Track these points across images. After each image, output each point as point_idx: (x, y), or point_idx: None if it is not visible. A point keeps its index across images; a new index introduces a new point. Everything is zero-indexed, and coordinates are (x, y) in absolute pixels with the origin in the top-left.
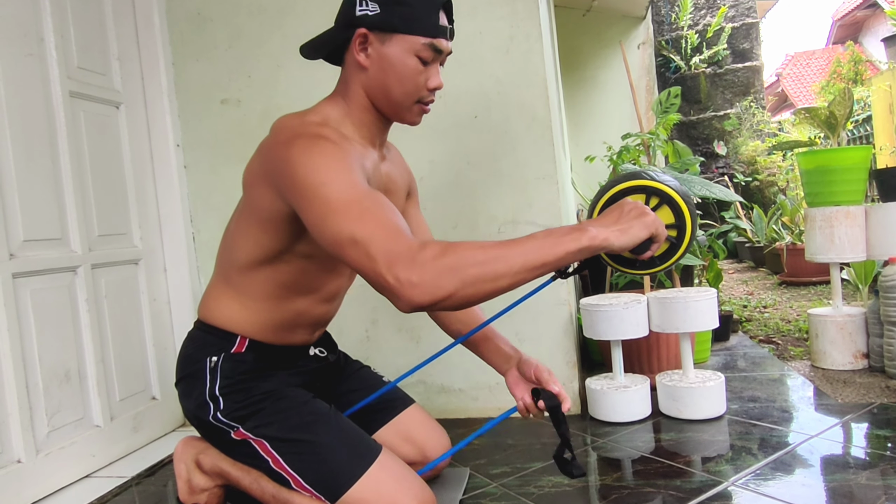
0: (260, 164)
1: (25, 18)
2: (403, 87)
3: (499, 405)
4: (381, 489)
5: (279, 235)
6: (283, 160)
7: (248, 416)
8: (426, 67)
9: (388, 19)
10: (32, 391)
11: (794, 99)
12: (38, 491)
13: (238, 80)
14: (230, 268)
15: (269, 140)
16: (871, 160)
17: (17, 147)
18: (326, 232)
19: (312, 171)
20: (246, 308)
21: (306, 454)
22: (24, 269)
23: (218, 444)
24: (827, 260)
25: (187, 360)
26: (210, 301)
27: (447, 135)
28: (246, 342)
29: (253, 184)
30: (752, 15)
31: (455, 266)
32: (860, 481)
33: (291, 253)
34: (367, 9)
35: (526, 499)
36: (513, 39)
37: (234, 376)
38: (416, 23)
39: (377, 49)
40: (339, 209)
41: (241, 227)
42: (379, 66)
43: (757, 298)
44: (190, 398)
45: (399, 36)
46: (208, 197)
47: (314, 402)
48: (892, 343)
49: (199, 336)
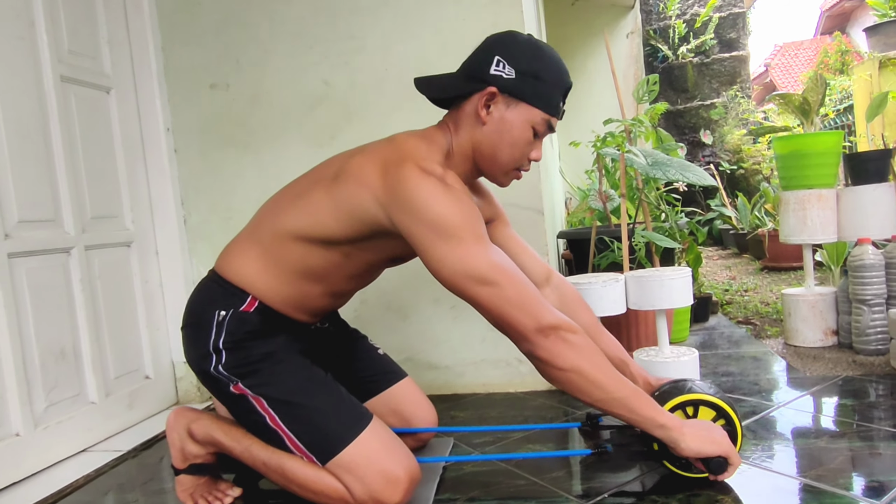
0: (378, 178)
1: (16, 1)
2: (512, 152)
3: (483, 381)
4: (371, 455)
5: (345, 231)
6: (410, 195)
7: (247, 374)
8: (535, 140)
9: (521, 88)
10: (29, 367)
11: (782, 89)
12: (37, 463)
13: (227, 65)
14: (270, 229)
15: (395, 164)
16: (851, 147)
17: (9, 129)
18: (456, 266)
19: (448, 218)
20: (266, 271)
21: (301, 417)
22: (19, 249)
23: (218, 395)
24: (799, 241)
25: (196, 308)
26: (232, 256)
27: (432, 119)
28: (255, 303)
29: (358, 182)
30: (739, 5)
31: (575, 367)
32: (822, 444)
33: (338, 247)
34: (502, 71)
35: (506, 464)
36: (496, 27)
37: (238, 333)
38: (543, 99)
39: (500, 110)
40: (475, 255)
41: (312, 201)
42: (497, 127)
43: (739, 283)
44: (194, 346)
45: (525, 105)
46: (198, 180)
47: (312, 369)
48: (860, 320)
49: (211, 287)
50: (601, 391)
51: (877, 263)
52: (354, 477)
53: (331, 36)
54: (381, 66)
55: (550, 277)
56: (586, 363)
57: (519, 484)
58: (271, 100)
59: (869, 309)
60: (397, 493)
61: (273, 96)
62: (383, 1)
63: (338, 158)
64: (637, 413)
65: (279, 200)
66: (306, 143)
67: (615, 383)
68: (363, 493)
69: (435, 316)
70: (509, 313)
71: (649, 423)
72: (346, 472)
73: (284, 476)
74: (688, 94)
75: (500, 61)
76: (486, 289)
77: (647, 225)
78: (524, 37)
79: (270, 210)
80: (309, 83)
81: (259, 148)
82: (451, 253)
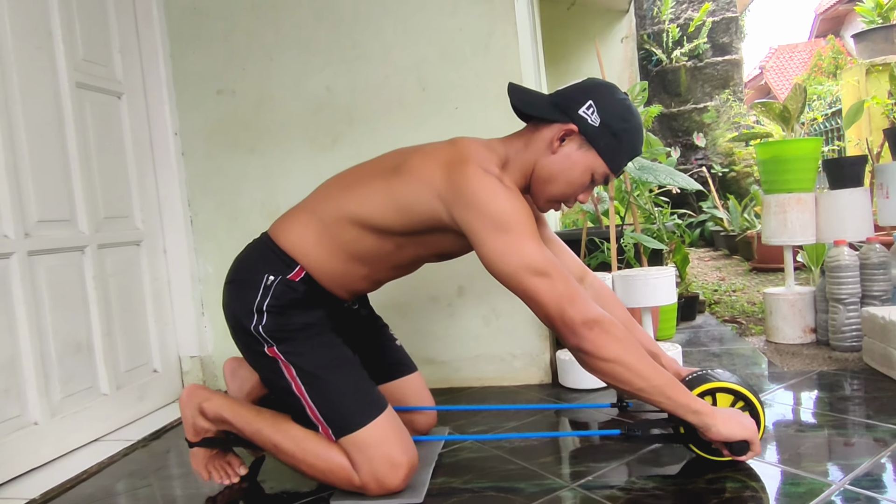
0: (441, 176)
1: (35, 13)
2: (566, 188)
3: (478, 375)
4: (381, 439)
5: (402, 223)
6: (472, 192)
7: (284, 340)
8: (589, 186)
9: (599, 137)
10: (47, 360)
11: (777, 91)
12: (54, 451)
13: (233, 71)
14: (332, 208)
15: (457, 164)
16: (841, 150)
17: (30, 134)
18: (513, 259)
19: (508, 214)
20: (320, 246)
21: (326, 391)
22: (38, 248)
23: (247, 352)
24: (780, 242)
25: (246, 266)
26: (289, 224)
27: (429, 123)
28: (303, 273)
29: (420, 180)
30: (731, 9)
31: (618, 358)
32: (798, 433)
33: (392, 237)
34: (589, 115)
35: (499, 451)
36: (491, 36)
37: (282, 299)
38: (612, 156)
39: (572, 148)
40: (532, 249)
41: (373, 191)
42: (562, 161)
43: (728, 283)
44: (238, 302)
45: (594, 154)
46: (205, 182)
47: (342, 347)
48: (836, 318)
49: (264, 250)
50: (642, 380)
51: (852, 264)
52: (364, 456)
53: (333, 44)
54: (381, 73)
55: (585, 276)
56: (628, 354)
57: (510, 468)
58: (276, 105)
59: (844, 308)
60: (398, 478)
61: (277, 101)
62: (384, 11)
63: (396, 154)
64: (673, 400)
65: (342, 183)
66: (309, 146)
67: (654, 373)
68: (368, 474)
69: (433, 313)
70: (559, 306)
71: (684, 408)
72: (357, 450)
73: (294, 455)
74: (681, 98)
75: (592, 106)
76: (540, 280)
77: (636, 227)
78: (622, 95)
79: (334, 191)
80: (312, 89)
81: (264, 151)
82: (510, 246)
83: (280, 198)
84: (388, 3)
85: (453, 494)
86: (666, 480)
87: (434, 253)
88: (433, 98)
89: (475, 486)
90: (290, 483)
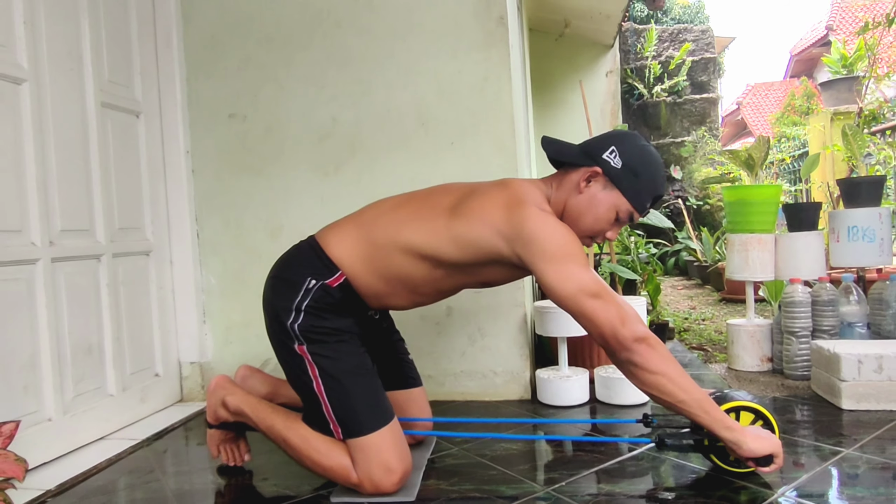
0: (502, 217)
1: (69, 38)
2: (593, 224)
3: (461, 390)
4: (382, 447)
5: (462, 256)
6: (533, 230)
7: (314, 341)
8: (615, 223)
9: (622, 178)
10: (62, 360)
11: (752, 127)
12: (65, 446)
13: (245, 98)
14: (387, 234)
15: (517, 205)
16: (807, 192)
17: (58, 149)
18: (571, 283)
19: (564, 246)
20: (367, 261)
21: (343, 396)
22: (60, 255)
23: (277, 344)
24: (742, 278)
25: (291, 265)
26: (339, 235)
27: (427, 157)
28: (342, 279)
29: (481, 221)
30: (710, 50)
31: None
32: None
33: (445, 267)
34: (611, 159)
35: (482, 458)
36: (487, 80)
37: (320, 302)
38: (634, 194)
39: (597, 188)
40: (586, 274)
41: (435, 227)
42: (588, 200)
43: (698, 312)
44: (279, 296)
45: (618, 193)
46: (212, 199)
47: (364, 357)
48: (789, 349)
49: (310, 254)
50: (684, 392)
51: (805, 301)
52: (365, 458)
53: (341, 79)
54: (384, 108)
55: None
56: (672, 369)
57: (492, 474)
58: (284, 131)
59: (797, 340)
60: (391, 482)
61: (285, 128)
62: (389, 53)
63: (447, 191)
64: (710, 414)
65: (397, 215)
66: (313, 172)
67: (694, 387)
68: (365, 474)
69: (422, 330)
70: (612, 324)
71: (719, 423)
72: (360, 452)
73: (300, 450)
74: (660, 131)
75: (614, 151)
76: (596, 302)
77: (612, 258)
78: (642, 142)
79: (389, 220)
80: (318, 119)
81: (270, 174)
82: (567, 273)
83: (283, 218)
84: (394, 47)
85: (441, 495)
86: (630, 487)
87: (480, 282)
88: (431, 133)
89: (461, 488)
90: (293, 480)
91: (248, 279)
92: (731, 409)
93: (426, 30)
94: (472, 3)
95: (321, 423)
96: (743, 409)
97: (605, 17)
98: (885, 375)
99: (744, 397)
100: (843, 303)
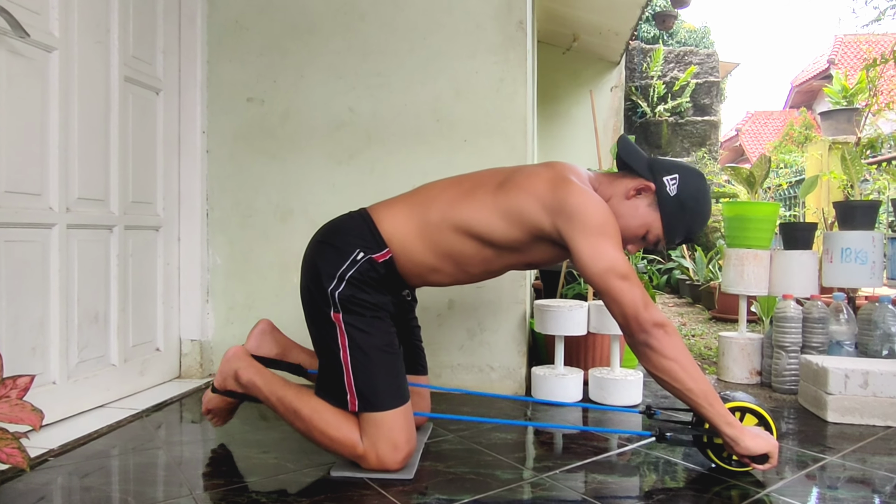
0: (547, 190)
1: (98, 10)
2: (622, 232)
3: (458, 382)
4: (395, 425)
5: (508, 234)
6: (576, 204)
7: (350, 311)
8: (641, 241)
9: (668, 205)
10: (70, 325)
11: (750, 154)
12: (67, 410)
13: (264, 83)
14: (442, 213)
15: (561, 181)
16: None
17: (81, 119)
18: (604, 261)
19: (602, 222)
20: (418, 238)
21: (367, 369)
22: (76, 222)
23: (311, 308)
24: (736, 291)
25: (341, 232)
26: (392, 211)
27: (440, 152)
28: (388, 256)
29: (527, 192)
30: (714, 74)
31: (678, 358)
32: None
33: (494, 247)
34: (669, 184)
35: (477, 445)
36: (503, 81)
37: (363, 276)
38: (672, 227)
39: (642, 203)
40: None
41: (484, 202)
42: (629, 209)
43: (688, 328)
44: (326, 263)
45: (657, 215)
46: (225, 180)
47: (394, 337)
48: (778, 363)
49: (361, 226)
50: (693, 382)
51: (796, 317)
52: (375, 432)
53: (360, 70)
54: (401, 102)
55: None
56: (685, 358)
57: (487, 459)
58: (301, 118)
59: (786, 354)
60: (396, 460)
61: (303, 115)
62: (409, 49)
63: (495, 172)
64: (714, 408)
65: (448, 196)
66: (327, 159)
67: (703, 379)
68: (371, 449)
69: (422, 321)
70: (635, 306)
71: (721, 418)
72: (373, 426)
73: (310, 421)
74: (661, 150)
75: (676, 179)
76: (624, 283)
77: None
78: (705, 185)
79: (441, 200)
80: (336, 108)
81: (284, 158)
82: (600, 249)
83: (293, 203)
84: (413, 43)
85: (438, 476)
86: (619, 476)
87: (526, 262)
88: (445, 129)
89: (457, 470)
90: (293, 455)
91: (254, 261)
92: (734, 409)
93: (447, 29)
94: (493, 5)
95: (335, 392)
96: (744, 411)
97: (614, 35)
98: (870, 391)
99: (744, 398)
100: (833, 321)
